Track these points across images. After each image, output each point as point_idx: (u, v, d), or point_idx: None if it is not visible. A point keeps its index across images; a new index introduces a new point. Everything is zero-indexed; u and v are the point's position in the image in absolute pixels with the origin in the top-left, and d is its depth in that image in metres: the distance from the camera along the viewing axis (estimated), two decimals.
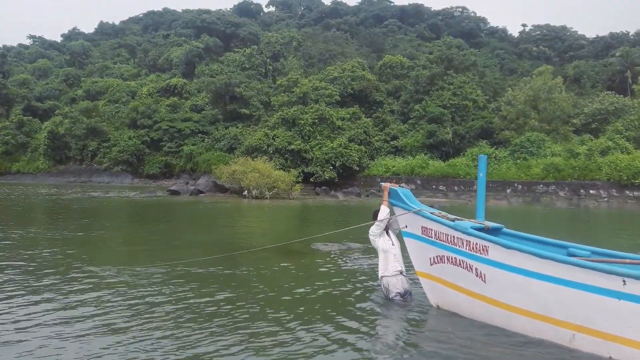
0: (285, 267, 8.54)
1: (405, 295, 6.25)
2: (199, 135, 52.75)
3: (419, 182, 43.37)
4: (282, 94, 53.25)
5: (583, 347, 4.40)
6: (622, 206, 35.89)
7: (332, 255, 9.94)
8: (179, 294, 6.47)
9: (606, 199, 38.51)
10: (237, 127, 50.88)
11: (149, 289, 6.73)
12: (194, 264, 8.31)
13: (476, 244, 5.26)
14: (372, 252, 10.05)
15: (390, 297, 6.24)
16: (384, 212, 6.39)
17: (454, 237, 5.55)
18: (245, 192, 32.76)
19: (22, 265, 8.20)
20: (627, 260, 4.85)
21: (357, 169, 43.95)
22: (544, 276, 4.60)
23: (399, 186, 6.45)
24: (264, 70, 61.14)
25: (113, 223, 17.17)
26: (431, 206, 6.51)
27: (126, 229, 15.77)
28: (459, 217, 5.82)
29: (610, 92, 51.74)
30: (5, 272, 7.67)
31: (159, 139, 53.72)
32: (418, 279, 6.35)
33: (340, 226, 16.50)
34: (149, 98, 58.95)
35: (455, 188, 42.00)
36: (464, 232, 5.41)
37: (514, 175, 41.39)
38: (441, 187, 42.65)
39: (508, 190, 40.84)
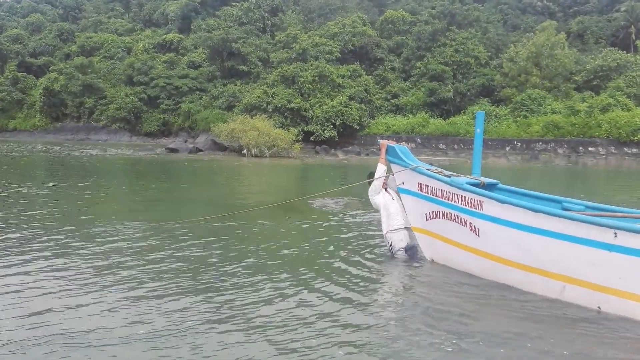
0: (284, 224, 8.63)
1: (410, 250, 6.24)
2: (197, 92, 52.18)
3: (419, 140, 43.25)
4: (281, 50, 52.39)
5: (573, 298, 4.51)
6: (620, 163, 35.98)
7: (330, 212, 10.04)
8: (185, 250, 6.55)
9: (604, 156, 38.56)
10: (236, 85, 50.27)
11: (146, 242, 6.82)
12: (198, 221, 8.39)
13: (471, 199, 5.31)
14: (371, 207, 10.14)
15: (393, 252, 6.27)
16: (380, 170, 6.40)
17: (449, 192, 5.59)
18: (245, 151, 32.73)
19: (31, 221, 8.27)
20: (619, 214, 4.91)
21: (358, 127, 43.68)
22: (537, 229, 4.67)
23: (397, 144, 6.44)
24: (262, 26, 59.87)
25: (113, 181, 17.24)
26: (430, 164, 6.52)
27: (127, 186, 15.85)
28: (455, 174, 5.85)
29: (613, 48, 50.92)
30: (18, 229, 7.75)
31: (156, 96, 53.17)
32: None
33: (339, 184, 16.57)
34: (145, 54, 57.99)
35: (455, 146, 41.94)
36: (459, 188, 5.45)
37: (513, 133, 41.26)
38: (441, 146, 42.58)
39: (507, 148, 40.81)
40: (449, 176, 5.71)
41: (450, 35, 51.11)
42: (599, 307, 4.34)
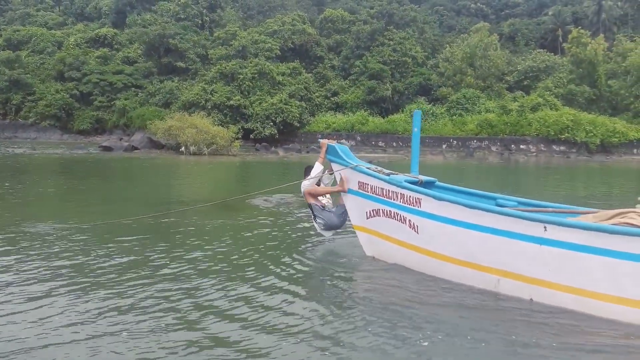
0: (220, 223, 8.42)
1: (330, 228, 6.35)
2: (132, 89, 50.29)
3: (359, 138, 43.82)
4: (220, 47, 51.50)
5: (507, 291, 4.63)
6: (549, 160, 37.97)
7: (268, 210, 9.92)
8: (116, 249, 6.23)
9: (535, 153, 40.59)
10: (173, 81, 48.89)
11: (75, 246, 6.44)
12: (131, 221, 8.01)
13: (409, 196, 5.34)
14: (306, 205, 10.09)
15: (318, 230, 6.45)
16: (317, 169, 6.35)
17: (389, 190, 5.61)
18: (183, 149, 31.91)
19: None
20: (550, 209, 5.09)
21: (298, 125, 43.67)
22: (472, 225, 4.75)
23: (338, 142, 6.40)
24: (200, 22, 58.56)
25: (41, 182, 16.25)
26: (369, 162, 6.52)
27: (56, 186, 14.98)
28: (394, 172, 5.88)
29: (542, 50, 53.67)
30: None
31: (89, 92, 50.76)
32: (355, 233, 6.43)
33: (279, 182, 16.42)
34: (77, 49, 55.22)
35: (394, 144, 42.80)
36: (398, 186, 5.48)
37: (449, 131, 42.62)
38: (380, 143, 43.32)
39: (444, 146, 42.10)
40: (388, 174, 5.72)
41: (388, 35, 52.10)
42: (531, 298, 4.48)
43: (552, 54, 52.01)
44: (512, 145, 41.25)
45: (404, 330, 3.93)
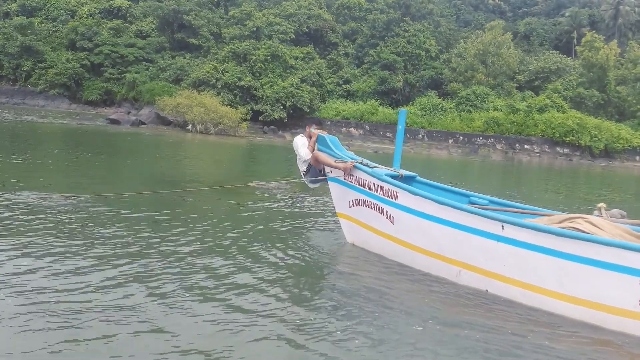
0: (221, 206, 8.65)
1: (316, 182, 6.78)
2: (144, 63, 50.53)
3: (367, 127, 44.02)
4: (234, 26, 51.55)
5: (466, 281, 5.03)
6: (552, 162, 38.14)
7: (261, 194, 10.25)
8: (109, 227, 6.61)
9: (538, 154, 40.74)
10: (185, 58, 49.10)
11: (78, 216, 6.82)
12: (126, 196, 8.32)
13: (388, 189, 5.73)
14: (309, 190, 10.49)
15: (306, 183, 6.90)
16: (304, 156, 6.64)
17: (370, 182, 5.99)
18: (190, 127, 32.34)
19: None
20: (514, 209, 5.48)
21: (308, 110, 43.79)
22: (441, 220, 5.14)
23: (328, 134, 6.74)
24: None
25: (47, 151, 16.71)
26: (347, 147, 6.81)
27: (62, 157, 15.43)
28: (377, 165, 6.25)
29: (555, 51, 53.42)
30: None
31: (99, 63, 51.08)
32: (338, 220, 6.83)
33: (282, 165, 16.89)
34: (90, 19, 55.39)
35: None
36: (379, 179, 5.86)
37: (457, 126, 42.76)
38: (388, 134, 43.45)
39: (450, 141, 42.29)
40: (372, 167, 6.12)
41: (403, 26, 51.96)
42: (487, 290, 4.89)
43: (565, 56, 51.77)
44: (517, 145, 41.39)
45: (377, 314, 4.29)
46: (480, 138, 41.98)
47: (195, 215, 7.68)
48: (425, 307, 4.54)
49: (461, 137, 42.37)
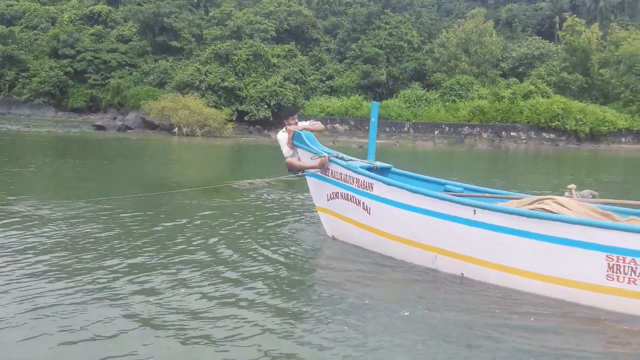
0: (207, 206, 8.69)
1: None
2: (127, 67, 50.26)
3: (352, 123, 44.05)
4: (215, 26, 51.35)
5: (442, 267, 5.13)
6: (538, 148, 38.46)
7: (247, 192, 10.33)
8: (106, 228, 6.66)
9: (525, 141, 41.05)
10: (168, 61, 48.88)
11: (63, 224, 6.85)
12: (121, 201, 8.41)
13: (364, 181, 5.82)
14: (292, 188, 10.57)
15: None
16: (286, 152, 6.76)
17: (346, 175, 6.07)
18: (176, 130, 32.28)
19: None
20: (487, 195, 5.59)
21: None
22: (415, 208, 5.24)
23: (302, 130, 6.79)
24: (195, 0, 58.31)
25: (35, 159, 16.61)
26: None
27: (50, 165, 15.35)
28: (352, 158, 6.33)
29: (538, 36, 53.75)
30: None
31: (83, 70, 50.71)
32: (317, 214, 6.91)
33: (270, 166, 16.94)
34: (71, 26, 54.92)
35: (387, 129, 42.97)
36: (354, 171, 5.95)
37: (442, 117, 42.95)
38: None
39: (436, 132, 42.48)
40: (347, 161, 6.19)
41: (385, 18, 52.02)
42: (462, 274, 4.99)
43: (548, 41, 52.11)
44: (503, 132, 41.68)
45: (361, 304, 4.39)
46: (466, 127, 42.21)
47: (182, 215, 7.77)
48: (406, 294, 4.63)
49: (447, 128, 42.57)
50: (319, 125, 6.77)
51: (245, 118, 41.93)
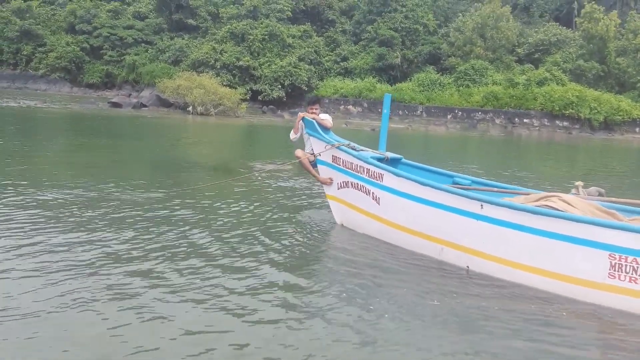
0: (218, 190, 8.87)
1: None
2: (143, 44, 50.46)
3: (365, 105, 44.04)
4: (232, 5, 51.31)
5: (448, 259, 5.35)
6: (551, 135, 38.21)
7: (267, 178, 10.49)
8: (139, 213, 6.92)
9: (538, 128, 40.76)
10: (183, 39, 48.96)
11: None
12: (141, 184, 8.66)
13: (374, 171, 6.02)
14: (302, 173, 10.74)
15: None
16: (292, 134, 7.16)
17: (357, 165, 6.27)
18: (190, 109, 32.49)
19: None
20: (494, 189, 5.77)
21: (306, 89, 43.80)
22: (423, 200, 5.44)
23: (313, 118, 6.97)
24: None
25: (52, 137, 16.97)
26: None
27: (68, 144, 15.64)
28: (364, 148, 6.52)
29: (556, 22, 52.88)
30: None
31: (99, 46, 51.03)
32: (328, 202, 7.11)
33: (281, 147, 17.16)
34: (88, 1, 55.11)
35: (400, 112, 42.97)
36: (365, 162, 6.14)
37: (455, 102, 42.73)
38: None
39: (448, 116, 42.32)
40: (358, 151, 6.38)
41: (401, 1, 51.45)
42: (467, 266, 5.19)
43: (565, 27, 51.27)
44: (516, 119, 41.39)
45: (373, 292, 4.60)
46: (479, 113, 41.97)
47: (196, 198, 7.96)
48: (410, 284, 4.82)
49: (460, 113, 42.37)
50: (327, 122, 6.96)
51: (259, 98, 42.09)
